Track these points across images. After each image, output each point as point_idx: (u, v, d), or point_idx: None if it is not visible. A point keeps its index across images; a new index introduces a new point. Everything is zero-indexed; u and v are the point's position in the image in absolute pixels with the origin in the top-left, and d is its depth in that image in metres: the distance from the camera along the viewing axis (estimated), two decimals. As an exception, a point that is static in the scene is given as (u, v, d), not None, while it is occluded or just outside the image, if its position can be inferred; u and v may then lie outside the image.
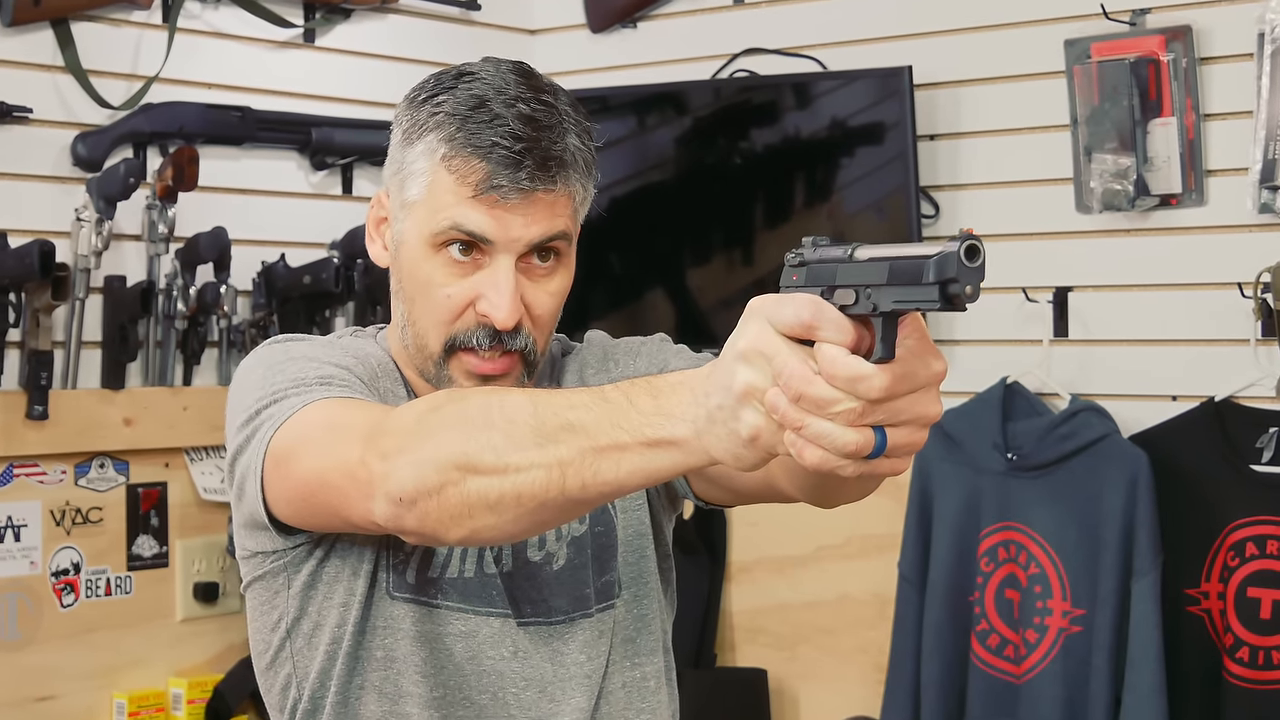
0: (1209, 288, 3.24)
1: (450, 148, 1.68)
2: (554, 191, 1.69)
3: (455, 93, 1.70)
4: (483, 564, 1.74)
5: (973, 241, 1.18)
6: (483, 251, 1.69)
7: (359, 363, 1.73)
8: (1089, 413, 3.26)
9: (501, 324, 1.68)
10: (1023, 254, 3.45)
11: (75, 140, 3.26)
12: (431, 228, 1.70)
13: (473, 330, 1.70)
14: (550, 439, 1.40)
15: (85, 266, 3.19)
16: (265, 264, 3.51)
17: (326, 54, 3.69)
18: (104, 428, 3.28)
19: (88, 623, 3.29)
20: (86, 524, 3.29)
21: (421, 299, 1.72)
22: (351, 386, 1.67)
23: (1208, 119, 3.23)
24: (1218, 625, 3.13)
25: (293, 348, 1.72)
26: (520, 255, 1.70)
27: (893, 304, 1.23)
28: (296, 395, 1.63)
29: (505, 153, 1.66)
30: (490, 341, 1.70)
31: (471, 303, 1.70)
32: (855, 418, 1.24)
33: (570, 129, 1.71)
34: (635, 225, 3.82)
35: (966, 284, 1.18)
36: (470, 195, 1.67)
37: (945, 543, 3.33)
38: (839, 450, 1.24)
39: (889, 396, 1.24)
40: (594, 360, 1.90)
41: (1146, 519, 3.14)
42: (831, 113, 3.60)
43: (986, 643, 3.29)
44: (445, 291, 1.70)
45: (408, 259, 1.73)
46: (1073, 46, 3.33)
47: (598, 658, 1.77)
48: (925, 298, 1.20)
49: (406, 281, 1.74)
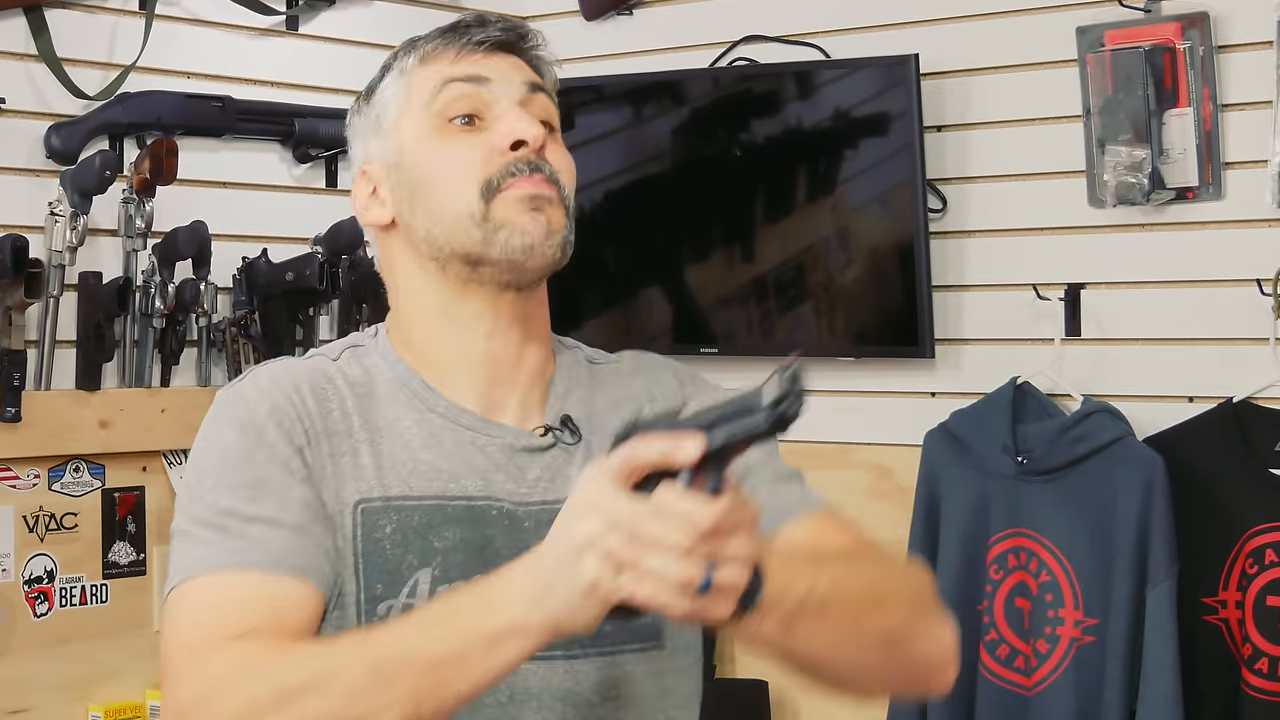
0: (1227, 284, 3.25)
1: (418, 52, 1.74)
2: (528, 55, 1.74)
3: (425, 35, 1.77)
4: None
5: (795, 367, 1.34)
6: (485, 114, 1.71)
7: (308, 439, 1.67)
8: (1102, 414, 3.25)
9: (531, 138, 1.68)
10: (1033, 250, 3.45)
11: (49, 131, 3.25)
12: (426, 109, 1.72)
13: (508, 165, 1.69)
14: (390, 678, 1.46)
15: (59, 263, 3.18)
16: (246, 260, 3.51)
17: (310, 42, 3.69)
18: (79, 430, 3.27)
19: (62, 633, 3.28)
20: (61, 530, 3.29)
21: (442, 175, 1.71)
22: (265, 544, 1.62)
23: (1225, 109, 3.23)
24: (1236, 635, 3.13)
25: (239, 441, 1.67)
26: (521, 102, 1.71)
27: (724, 439, 1.38)
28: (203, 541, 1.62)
29: (475, 28, 1.72)
30: (528, 169, 1.68)
31: (494, 149, 1.69)
32: (686, 551, 1.37)
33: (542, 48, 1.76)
34: (630, 220, 3.81)
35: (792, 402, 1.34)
36: (453, 58, 1.72)
37: (953, 549, 3.33)
38: (670, 583, 1.37)
39: (718, 530, 1.37)
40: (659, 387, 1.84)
41: (1162, 525, 3.14)
42: (835, 103, 3.60)
43: (996, 653, 3.29)
44: (464, 153, 1.70)
45: (412, 157, 1.73)
46: (1085, 34, 3.33)
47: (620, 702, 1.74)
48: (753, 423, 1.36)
49: (418, 176, 1.73)
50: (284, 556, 1.62)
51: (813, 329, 3.66)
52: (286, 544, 1.62)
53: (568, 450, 1.74)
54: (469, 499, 1.69)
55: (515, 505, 1.70)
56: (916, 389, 3.61)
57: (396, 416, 1.72)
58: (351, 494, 1.67)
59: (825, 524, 1.77)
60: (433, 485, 1.69)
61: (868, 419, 3.66)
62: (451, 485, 1.69)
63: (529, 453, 1.73)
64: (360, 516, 1.67)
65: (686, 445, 1.39)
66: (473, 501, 1.69)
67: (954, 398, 3.50)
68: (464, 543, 1.67)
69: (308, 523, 1.64)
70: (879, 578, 1.68)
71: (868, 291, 3.59)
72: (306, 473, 1.66)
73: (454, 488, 1.69)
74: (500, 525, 1.68)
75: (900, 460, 3.56)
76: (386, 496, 1.68)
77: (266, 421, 1.67)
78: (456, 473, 1.70)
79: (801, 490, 1.81)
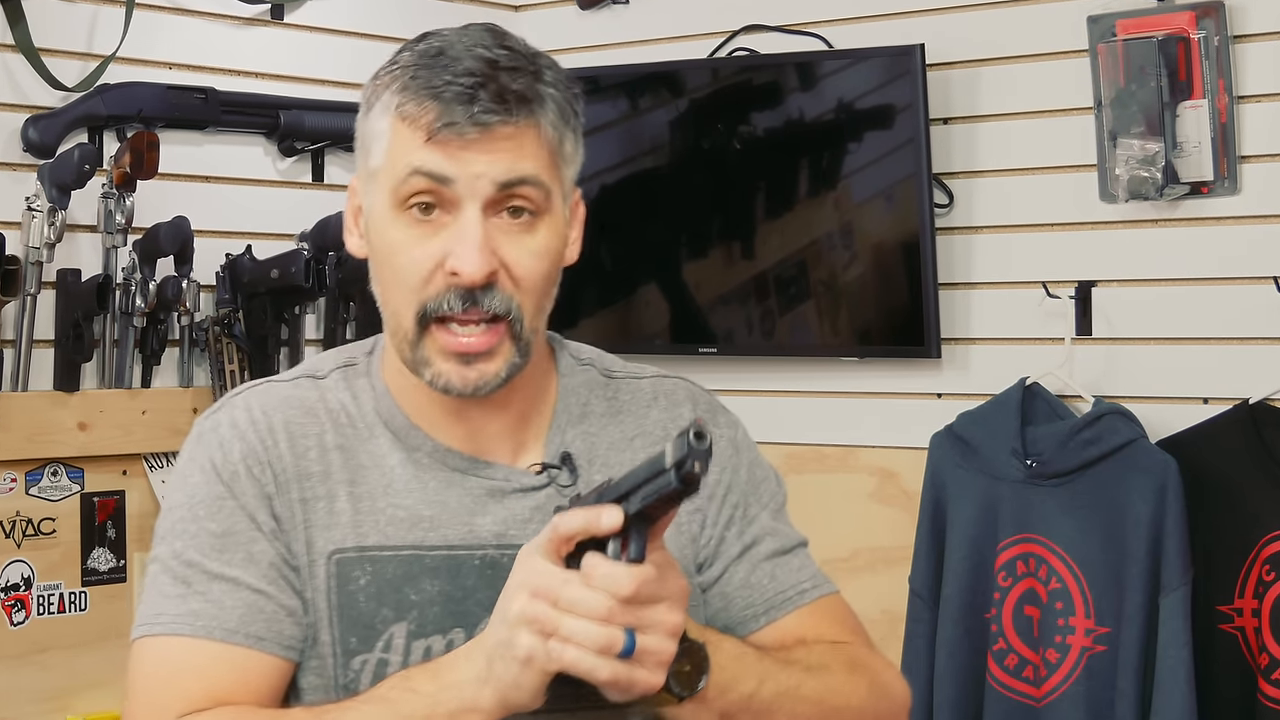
0: (1243, 282, 3.24)
1: (403, 97, 1.65)
2: (515, 125, 1.63)
3: (413, 49, 1.69)
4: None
5: (699, 426, 1.41)
6: (446, 208, 1.65)
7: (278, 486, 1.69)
8: (1114, 416, 3.25)
9: (470, 277, 1.62)
10: (1043, 246, 3.45)
11: (26, 124, 3.25)
12: (393, 184, 1.66)
13: (444, 295, 1.64)
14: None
15: (37, 259, 3.18)
16: (230, 257, 3.50)
17: (296, 31, 3.68)
18: (56, 432, 3.26)
19: (39, 642, 3.27)
20: (38, 536, 3.28)
21: (391, 270, 1.67)
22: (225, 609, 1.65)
23: (1241, 101, 3.23)
24: (1252, 644, 3.13)
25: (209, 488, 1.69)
26: (488, 203, 1.64)
27: (640, 503, 1.45)
28: (166, 594, 1.66)
29: (458, 89, 1.62)
30: (464, 304, 1.64)
31: (440, 264, 1.64)
32: (606, 615, 1.45)
33: (538, 72, 1.67)
34: (627, 215, 3.81)
35: (695, 461, 1.40)
36: (424, 139, 1.63)
37: (960, 556, 3.33)
38: (591, 645, 1.45)
39: (637, 596, 1.45)
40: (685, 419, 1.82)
41: (1175, 530, 3.14)
42: (838, 94, 3.60)
43: (1004, 663, 3.29)
44: (411, 255, 1.65)
45: (375, 231, 1.69)
46: (1096, 23, 3.32)
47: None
48: (664, 483, 1.42)
49: (377, 256, 1.70)
50: (244, 624, 1.65)
51: (815, 328, 3.66)
52: (249, 609, 1.65)
53: (562, 491, 1.73)
54: (449, 548, 1.69)
55: (500, 550, 1.69)
56: (922, 390, 3.60)
57: (381, 455, 1.72)
58: (325, 544, 1.68)
59: (819, 619, 1.79)
60: (411, 534, 1.69)
61: (872, 421, 3.66)
62: (431, 534, 1.69)
63: (520, 493, 1.72)
64: (334, 568, 1.68)
65: (605, 515, 1.47)
66: (453, 551, 1.69)
67: (961, 399, 3.50)
68: (441, 595, 1.68)
69: (273, 585, 1.67)
70: (842, 692, 1.70)
71: (871, 289, 3.59)
72: (275, 524, 1.68)
73: (433, 536, 1.69)
74: (482, 575, 1.68)
75: (905, 464, 3.55)
76: (362, 546, 1.68)
77: (238, 466, 1.69)
78: (437, 519, 1.70)
79: (801, 568, 1.82)
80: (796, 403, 3.74)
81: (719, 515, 1.79)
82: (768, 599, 1.77)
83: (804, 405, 3.73)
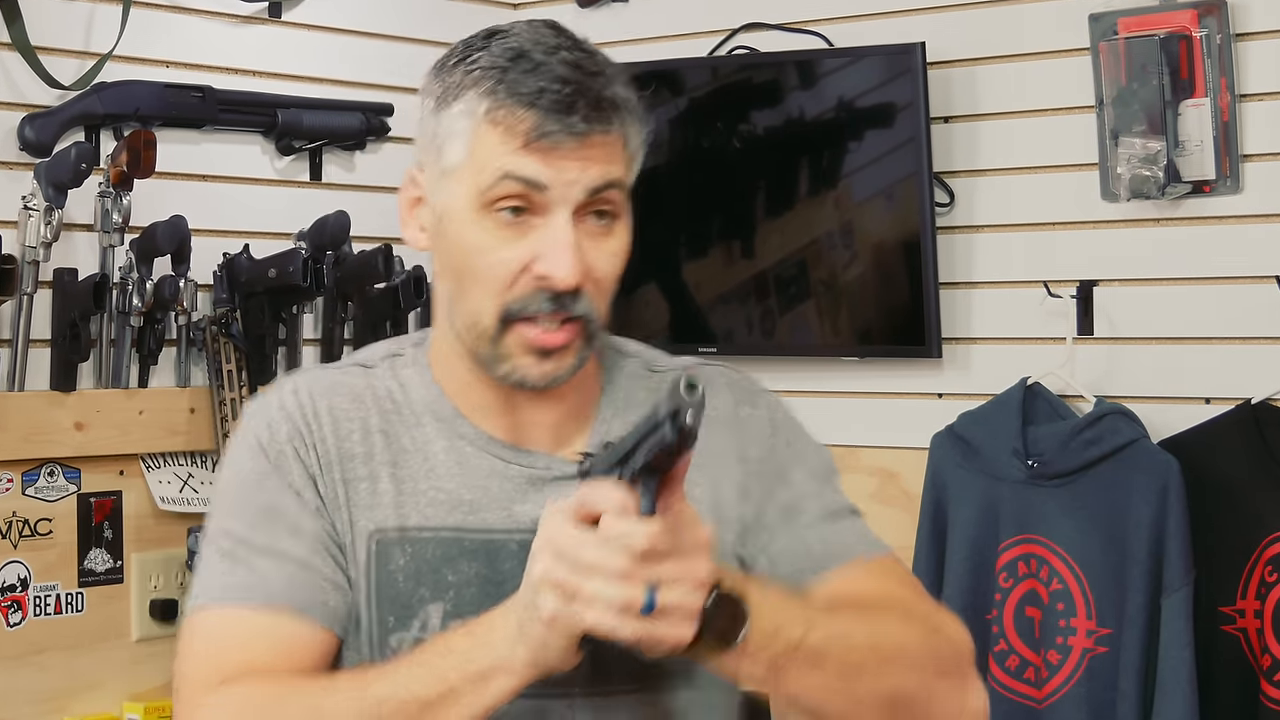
0: (1245, 281, 3.24)
1: (493, 101, 1.67)
2: (609, 134, 1.70)
3: (490, 50, 1.70)
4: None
5: (690, 377, 1.41)
6: (535, 210, 1.67)
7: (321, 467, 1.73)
8: (1115, 416, 3.25)
9: (563, 283, 1.66)
10: (1044, 245, 3.44)
11: (23, 122, 3.24)
12: (479, 185, 1.67)
13: (531, 297, 1.68)
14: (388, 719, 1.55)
15: (33, 258, 3.17)
16: (227, 256, 3.50)
17: (294, 30, 3.68)
18: (53, 433, 3.26)
19: (36, 643, 3.27)
20: (35, 536, 3.28)
21: (471, 269, 1.69)
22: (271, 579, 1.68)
23: (1244, 99, 3.23)
24: (1254, 645, 3.13)
25: (256, 465, 1.73)
26: (577, 210, 1.68)
27: (643, 459, 1.47)
28: (215, 569, 1.70)
29: (555, 97, 1.66)
30: (551, 307, 1.67)
31: (527, 267, 1.67)
32: (624, 574, 1.46)
33: (616, 76, 1.74)
34: (627, 214, 3.80)
35: (689, 411, 1.41)
36: (520, 145, 1.66)
37: (960, 557, 3.33)
38: (611, 605, 1.46)
39: (654, 550, 1.46)
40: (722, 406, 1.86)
41: (1178, 531, 3.14)
42: (838, 93, 3.60)
43: (1005, 664, 3.29)
44: (499, 256, 1.67)
45: (453, 229, 1.71)
46: (1098, 22, 3.32)
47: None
48: (661, 436, 1.44)
49: (454, 254, 1.71)
50: (290, 593, 1.68)
51: (815, 328, 3.66)
52: (293, 580, 1.68)
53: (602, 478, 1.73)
54: (488, 531, 1.72)
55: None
56: (923, 390, 3.60)
57: (426, 440, 1.75)
58: (367, 523, 1.71)
59: (869, 573, 1.78)
60: (451, 516, 1.72)
61: (872, 421, 3.65)
62: (471, 517, 1.72)
63: (559, 481, 1.73)
64: (375, 547, 1.71)
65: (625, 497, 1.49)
66: (491, 534, 1.72)
67: (962, 399, 3.50)
68: (479, 577, 1.70)
69: (317, 557, 1.70)
70: (896, 636, 1.68)
71: (872, 289, 3.59)
72: (320, 503, 1.72)
73: (473, 520, 1.72)
74: (520, 560, 1.66)
75: (906, 464, 3.55)
76: (403, 527, 1.71)
77: (284, 446, 1.73)
78: (478, 503, 1.72)
79: (852, 531, 1.83)
80: (797, 402, 3.67)
81: (760, 486, 1.80)
82: (816, 558, 1.76)
83: (804, 405, 3.67)
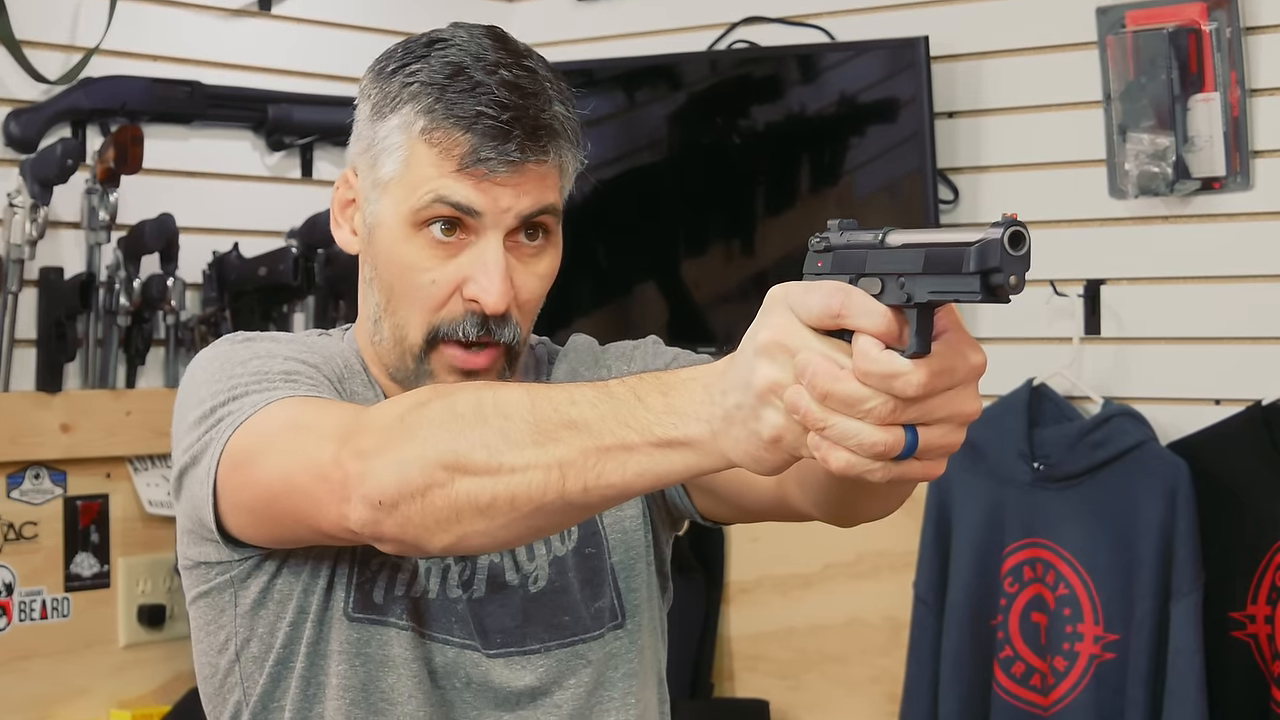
0: (1255, 280, 3.24)
1: (430, 120, 1.69)
2: (545, 163, 1.70)
3: (429, 61, 1.71)
4: (446, 587, 1.74)
5: (1017, 228, 1.19)
6: (468, 230, 1.70)
7: (326, 361, 1.75)
8: (1123, 418, 3.25)
9: (492, 308, 1.69)
10: (1051, 243, 3.43)
11: (7, 118, 3.24)
12: (411, 204, 1.70)
13: (459, 319, 1.71)
14: (549, 437, 1.39)
15: (18, 257, 3.18)
16: (216, 254, 3.50)
17: (284, 23, 3.68)
18: (39, 434, 3.26)
19: (21, 649, 3.27)
20: (20, 540, 3.28)
21: (401, 286, 1.72)
22: (319, 385, 1.68)
23: (1254, 94, 3.22)
24: (1265, 652, 3.12)
25: (255, 343, 1.73)
26: (509, 232, 1.70)
27: (929, 294, 1.24)
28: (259, 392, 1.64)
29: (491, 122, 1.67)
30: (478, 331, 1.71)
31: (458, 287, 1.70)
32: (886, 416, 1.24)
33: (555, 96, 1.72)
34: (624, 212, 3.80)
35: (1010, 274, 1.19)
36: (454, 169, 1.68)
37: (965, 561, 3.33)
38: (867, 451, 1.25)
39: (925, 394, 1.24)
40: (584, 366, 1.91)
41: (1187, 535, 3.14)
42: (840, 87, 3.60)
43: (1011, 671, 3.28)
44: (429, 276, 1.71)
45: (384, 242, 1.73)
46: (1106, 15, 3.32)
47: (581, 691, 1.77)
48: (965, 288, 1.21)
49: (383, 268, 1.74)
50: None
51: (817, 327, 3.65)
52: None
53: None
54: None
55: None
56: (926, 390, 3.59)
57: (366, 400, 1.77)
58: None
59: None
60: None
61: (875, 422, 3.64)
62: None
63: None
64: None
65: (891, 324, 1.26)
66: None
67: (966, 400, 3.48)
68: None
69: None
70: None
71: (875, 287, 3.58)
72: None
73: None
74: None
75: (909, 466, 3.54)
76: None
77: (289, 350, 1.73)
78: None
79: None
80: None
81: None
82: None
83: (805, 406, 3.72)
